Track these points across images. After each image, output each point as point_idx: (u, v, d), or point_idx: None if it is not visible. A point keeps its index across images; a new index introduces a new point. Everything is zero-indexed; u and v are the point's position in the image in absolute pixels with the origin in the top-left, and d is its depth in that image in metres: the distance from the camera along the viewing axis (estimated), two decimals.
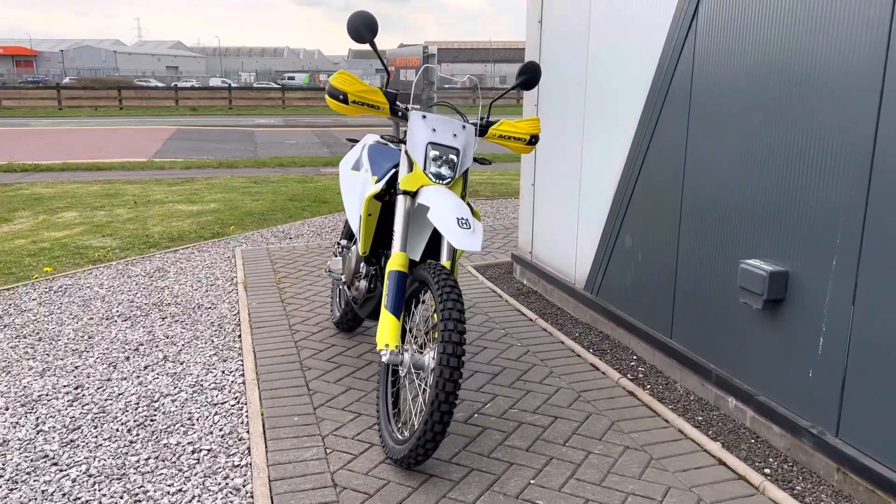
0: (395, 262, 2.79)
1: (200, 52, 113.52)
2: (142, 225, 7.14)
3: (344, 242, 3.93)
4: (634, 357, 3.79)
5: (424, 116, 2.93)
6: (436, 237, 3.14)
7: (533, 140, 3.20)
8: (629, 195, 3.85)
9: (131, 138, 17.84)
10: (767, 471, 2.72)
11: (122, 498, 2.56)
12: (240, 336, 4.12)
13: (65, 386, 3.47)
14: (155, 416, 3.18)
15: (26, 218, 7.52)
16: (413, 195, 2.89)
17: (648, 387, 3.43)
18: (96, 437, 2.99)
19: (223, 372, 3.64)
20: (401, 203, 2.88)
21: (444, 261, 2.87)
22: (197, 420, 3.14)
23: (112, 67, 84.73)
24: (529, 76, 3.20)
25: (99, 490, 2.61)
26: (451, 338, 2.43)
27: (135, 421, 3.13)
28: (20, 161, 12.24)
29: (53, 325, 4.32)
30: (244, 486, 2.63)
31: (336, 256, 3.93)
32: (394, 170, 3.10)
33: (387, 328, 2.70)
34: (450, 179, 2.90)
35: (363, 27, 2.91)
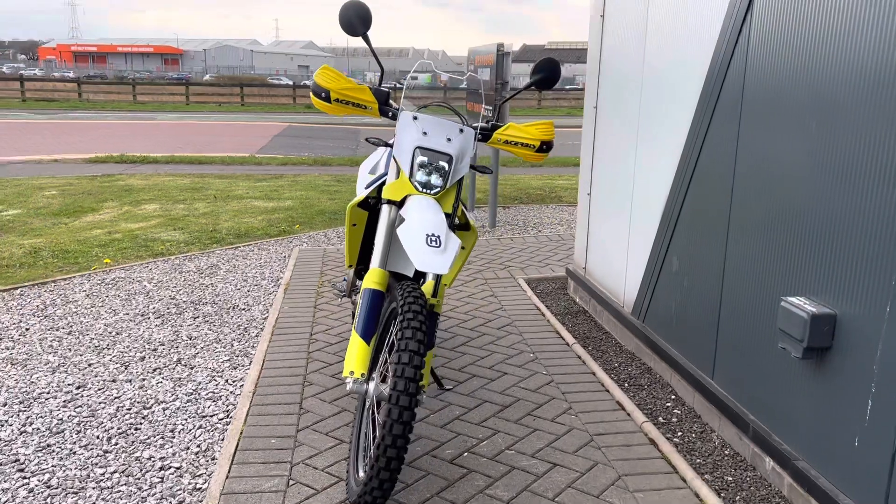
0: (371, 279, 2.50)
1: (331, 51, 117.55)
2: (214, 220, 7.22)
3: None
4: (673, 397, 3.33)
5: (416, 118, 2.63)
6: None
7: (544, 147, 2.82)
8: (678, 210, 3.39)
9: (243, 134, 18.47)
10: None
11: None
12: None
13: (69, 385, 3.42)
14: (140, 425, 3.05)
15: (111, 208, 7.79)
16: (399, 205, 2.60)
17: (680, 434, 2.97)
18: (74, 443, 2.89)
19: (226, 381, 3.49)
20: (384, 214, 2.59)
21: (429, 280, 2.56)
22: (178, 433, 2.98)
23: (248, 66, 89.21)
24: (546, 74, 2.82)
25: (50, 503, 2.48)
26: (405, 373, 2.13)
27: (118, 429, 3.01)
28: (131, 153, 12.87)
29: (88, 320, 4.33)
30: None
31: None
32: (386, 177, 2.82)
33: (354, 353, 2.42)
34: (439, 189, 2.58)
35: (356, 18, 2.65)
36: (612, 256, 4.23)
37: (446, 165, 2.58)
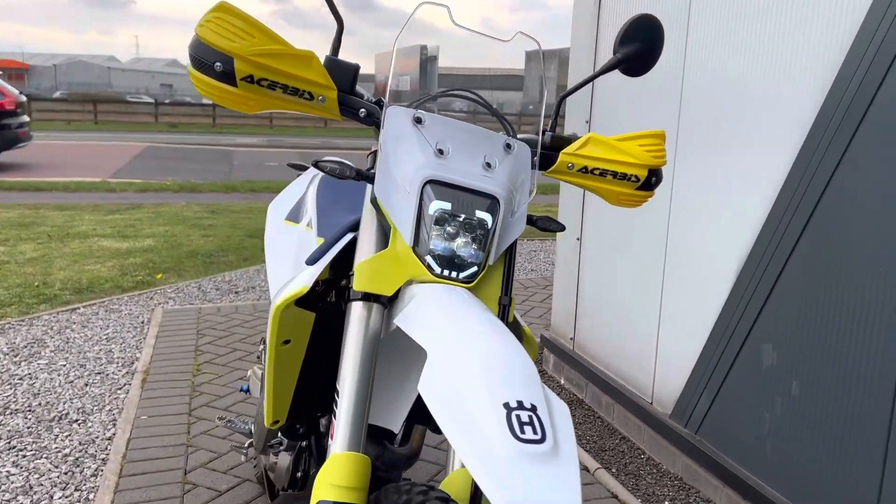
0: (330, 478, 1.09)
1: None
2: (44, 268, 5.43)
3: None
4: None
5: (420, 119, 1.26)
6: None
7: (653, 179, 1.50)
8: (778, 269, 2.20)
9: (97, 154, 16.18)
10: None
11: None
12: (95, 494, 2.42)
13: None
14: None
15: None
16: (390, 302, 1.22)
17: None
18: None
19: None
20: (355, 320, 1.19)
21: (456, 468, 1.19)
22: None
23: (105, 83, 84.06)
24: (639, 48, 1.49)
25: None
26: None
27: None
28: None
29: None
30: None
31: (257, 369, 2.24)
32: (351, 235, 1.41)
33: None
34: (476, 269, 1.22)
35: None
36: (626, 327, 2.99)
37: (488, 219, 1.22)
